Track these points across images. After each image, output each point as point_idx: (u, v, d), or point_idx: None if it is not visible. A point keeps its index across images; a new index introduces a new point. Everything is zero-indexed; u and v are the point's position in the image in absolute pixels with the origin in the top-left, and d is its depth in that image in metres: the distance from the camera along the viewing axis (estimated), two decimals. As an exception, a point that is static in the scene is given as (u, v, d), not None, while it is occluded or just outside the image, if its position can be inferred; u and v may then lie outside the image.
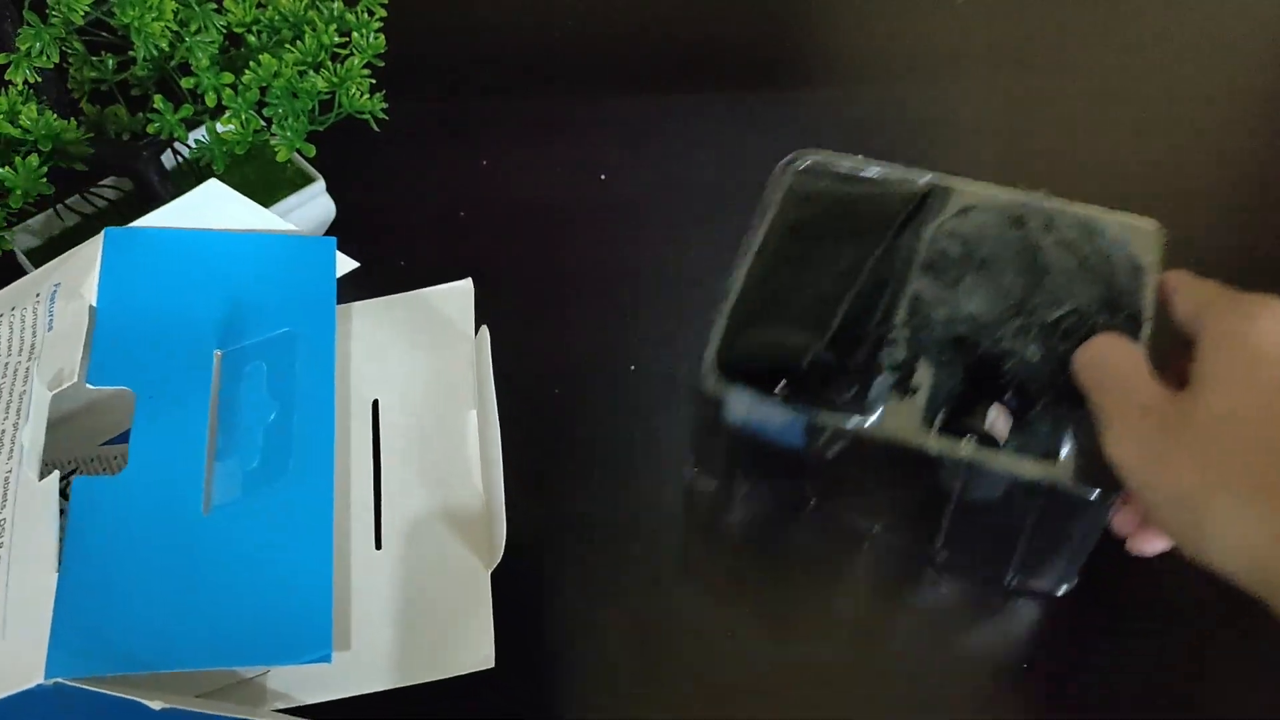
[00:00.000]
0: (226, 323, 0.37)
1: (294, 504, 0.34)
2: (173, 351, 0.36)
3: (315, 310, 0.39)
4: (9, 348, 0.37)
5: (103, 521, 0.32)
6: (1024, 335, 0.42)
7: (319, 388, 0.37)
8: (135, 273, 0.37)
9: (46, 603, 0.30)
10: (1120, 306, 0.43)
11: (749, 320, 0.45)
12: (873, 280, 0.45)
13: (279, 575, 0.33)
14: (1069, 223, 0.45)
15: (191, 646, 0.31)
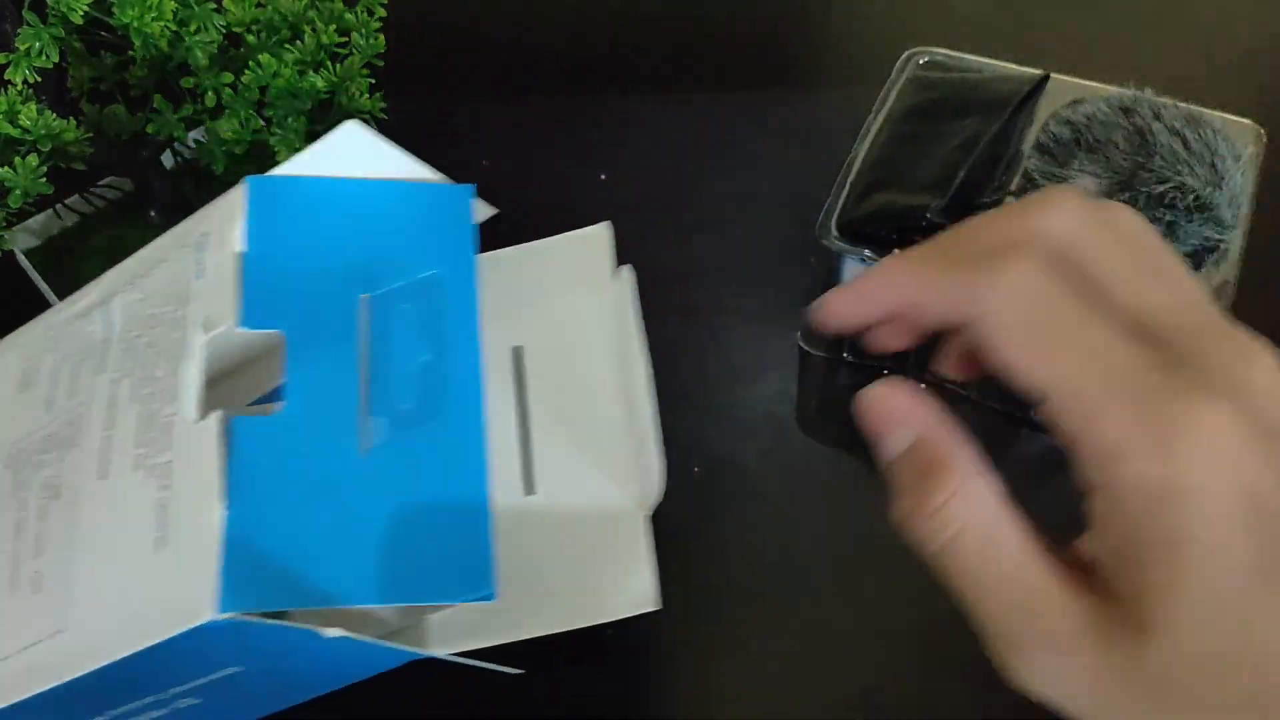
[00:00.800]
0: (369, 268, 0.37)
1: (449, 445, 0.34)
2: (319, 296, 0.36)
3: (456, 255, 0.39)
4: (161, 298, 0.38)
5: (263, 461, 0.32)
6: (1131, 206, 0.44)
7: (466, 330, 0.37)
8: (278, 220, 0.37)
9: (214, 540, 0.30)
10: (1223, 188, 0.45)
11: (869, 187, 0.49)
12: (988, 155, 0.49)
13: (438, 515, 0.33)
14: (1176, 113, 0.47)
15: (356, 583, 0.31)
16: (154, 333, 0.37)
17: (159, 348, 0.36)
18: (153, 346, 0.36)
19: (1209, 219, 0.46)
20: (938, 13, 0.73)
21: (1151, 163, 0.46)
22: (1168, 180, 0.45)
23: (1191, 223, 0.45)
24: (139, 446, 0.34)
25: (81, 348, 0.39)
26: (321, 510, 0.32)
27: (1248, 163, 0.48)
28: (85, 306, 0.41)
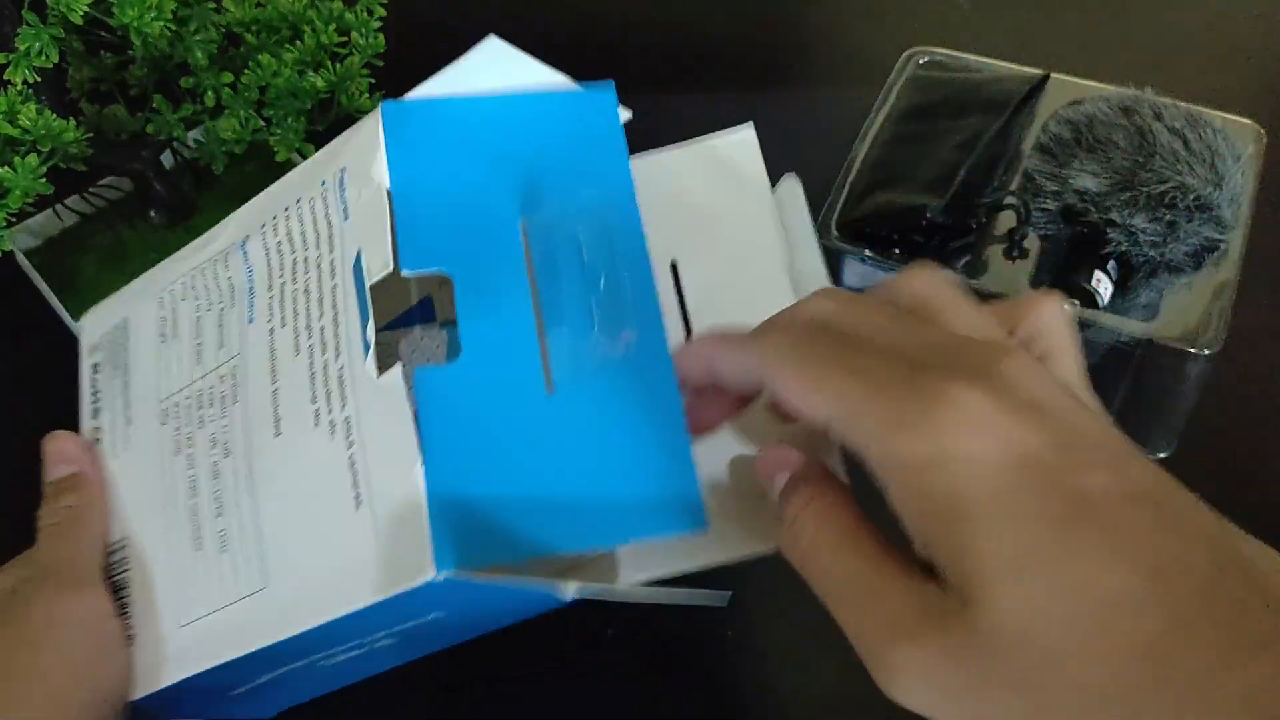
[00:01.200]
0: (523, 189, 0.35)
1: (637, 373, 0.31)
2: (477, 228, 0.33)
3: (610, 166, 0.36)
4: (304, 241, 0.35)
5: (452, 411, 0.30)
6: (1131, 206, 0.45)
7: (635, 250, 0.34)
8: (420, 148, 0.35)
9: (416, 497, 0.29)
10: (1223, 188, 0.46)
11: (869, 187, 0.50)
12: (988, 155, 0.49)
13: (637, 448, 0.31)
14: (1176, 113, 0.48)
15: (565, 528, 0.29)
16: (305, 278, 0.35)
17: (313, 295, 0.34)
18: (307, 294, 0.34)
19: (1209, 219, 0.46)
20: (938, 13, 0.73)
21: (1152, 163, 0.46)
22: (1168, 180, 0.45)
23: (1192, 223, 0.45)
24: (313, 402, 0.33)
25: (223, 294, 0.37)
26: (518, 457, 0.30)
27: (1248, 163, 0.48)
28: (219, 250, 0.39)
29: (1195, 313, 0.46)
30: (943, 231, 0.47)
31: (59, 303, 0.53)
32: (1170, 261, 0.46)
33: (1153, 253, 0.46)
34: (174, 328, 0.39)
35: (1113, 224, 0.46)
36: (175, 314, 0.39)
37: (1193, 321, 0.45)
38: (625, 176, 0.36)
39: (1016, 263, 0.48)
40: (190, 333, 0.38)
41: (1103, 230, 0.46)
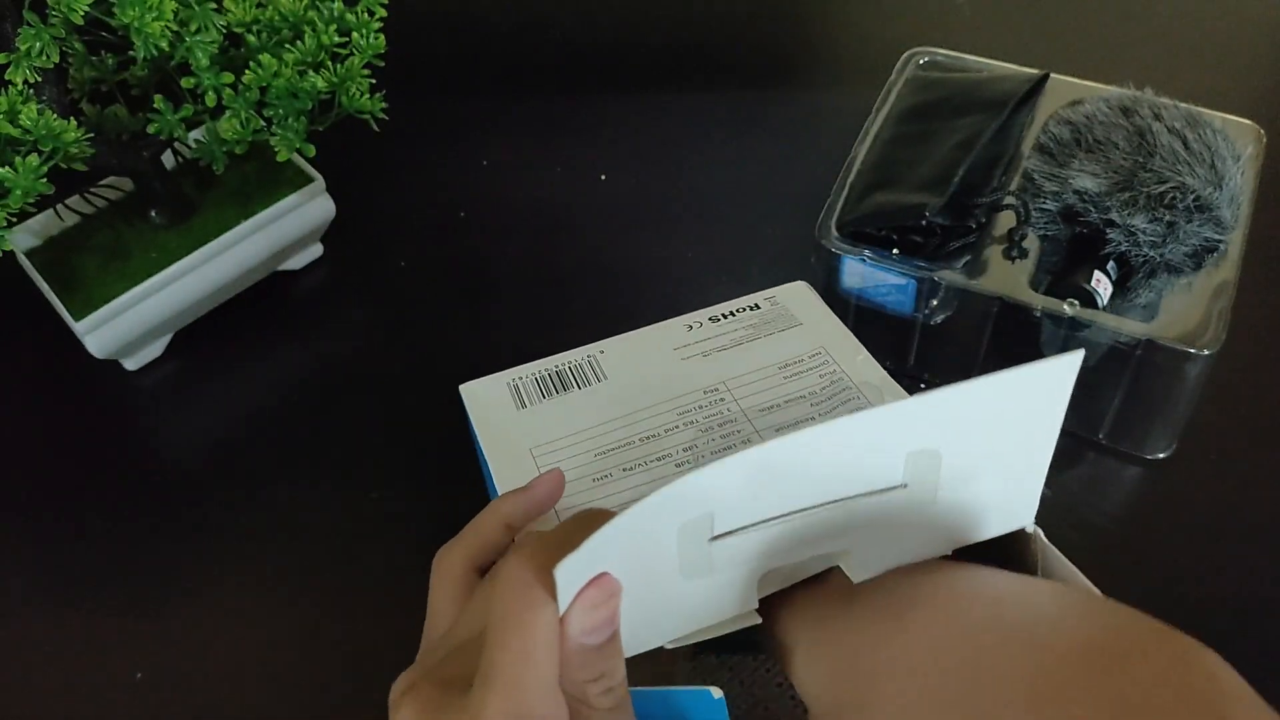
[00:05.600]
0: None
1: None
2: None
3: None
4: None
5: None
6: (1131, 206, 0.45)
7: None
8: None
9: None
10: (1223, 188, 0.46)
11: (869, 187, 0.50)
12: (987, 155, 0.49)
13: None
14: (1176, 113, 0.48)
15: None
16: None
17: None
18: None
19: (1209, 219, 0.46)
20: (938, 13, 0.73)
21: (1151, 163, 0.46)
22: (1168, 180, 0.45)
23: (1191, 223, 0.45)
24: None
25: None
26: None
27: (1247, 163, 0.48)
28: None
29: (1195, 313, 0.46)
30: (942, 231, 0.47)
31: (59, 303, 0.53)
32: (1170, 262, 0.46)
33: (1152, 253, 0.46)
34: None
35: (1112, 224, 0.46)
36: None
37: (1192, 321, 0.45)
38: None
39: (1016, 263, 0.48)
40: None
41: (1102, 230, 0.46)
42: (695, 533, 0.31)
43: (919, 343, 0.52)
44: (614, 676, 0.31)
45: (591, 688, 0.31)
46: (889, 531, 0.34)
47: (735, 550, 0.32)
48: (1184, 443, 0.50)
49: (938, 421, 0.32)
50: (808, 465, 0.31)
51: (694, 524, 0.31)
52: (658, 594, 0.32)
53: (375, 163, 0.64)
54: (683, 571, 0.32)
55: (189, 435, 0.55)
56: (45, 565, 0.51)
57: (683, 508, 0.31)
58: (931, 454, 0.32)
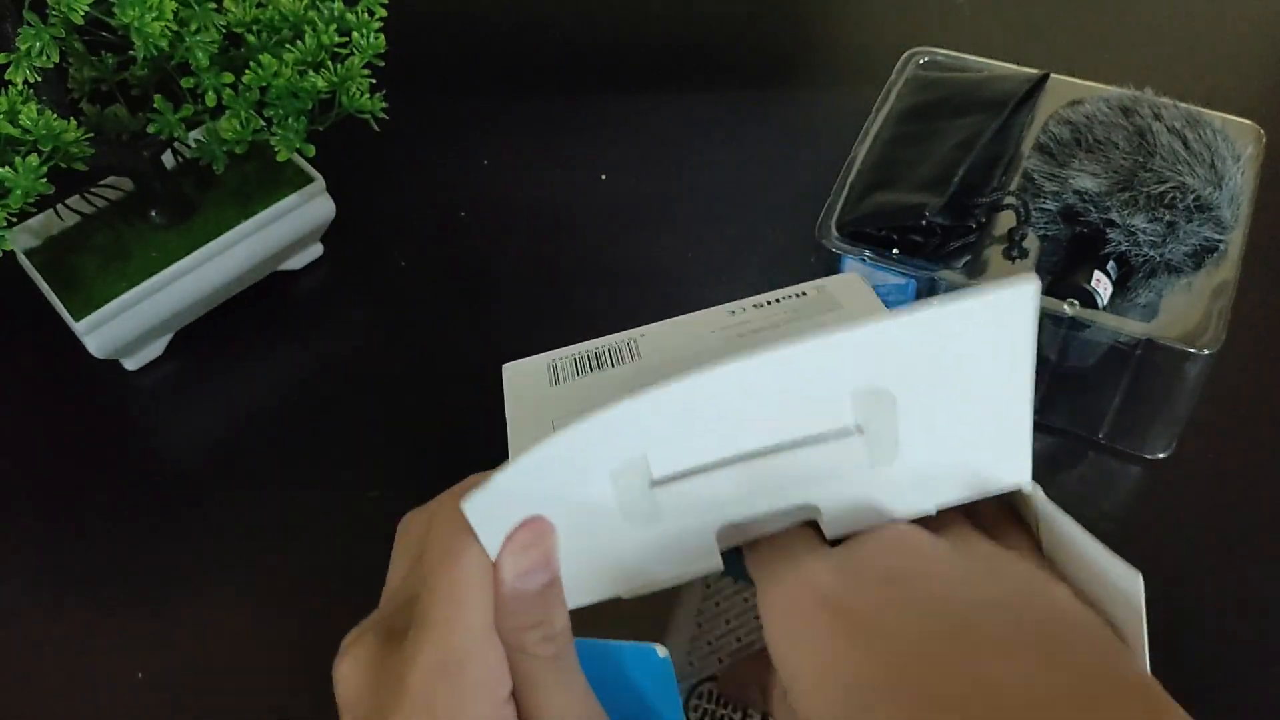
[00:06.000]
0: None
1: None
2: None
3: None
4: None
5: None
6: (1131, 206, 0.45)
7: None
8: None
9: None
10: (1223, 188, 0.46)
11: (869, 187, 0.50)
12: (987, 154, 0.49)
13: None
14: (1176, 113, 0.48)
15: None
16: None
17: None
18: None
19: (1209, 219, 0.46)
20: (938, 13, 0.73)
21: (1152, 163, 0.46)
22: (1168, 180, 0.45)
23: (1191, 223, 0.45)
24: None
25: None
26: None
27: (1247, 163, 0.48)
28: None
29: (1195, 313, 0.46)
30: (942, 231, 0.47)
31: (59, 303, 0.53)
32: (1170, 261, 0.46)
33: (1152, 253, 0.46)
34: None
35: (1112, 224, 0.46)
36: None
37: (1192, 321, 0.45)
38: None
39: (1016, 263, 0.48)
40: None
41: (1102, 230, 0.46)
42: (632, 476, 0.31)
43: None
44: (553, 624, 0.30)
45: (529, 635, 0.30)
46: (857, 486, 0.32)
47: (682, 498, 0.32)
48: (1184, 443, 0.50)
49: (880, 356, 0.30)
50: (742, 404, 0.30)
51: (629, 467, 0.31)
52: (604, 542, 0.32)
53: (375, 163, 0.64)
54: (628, 519, 0.32)
55: (189, 435, 0.55)
56: (45, 565, 0.51)
57: (610, 446, 0.30)
58: (881, 394, 0.31)
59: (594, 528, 0.31)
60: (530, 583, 0.30)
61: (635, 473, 0.31)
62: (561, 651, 0.31)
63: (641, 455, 0.31)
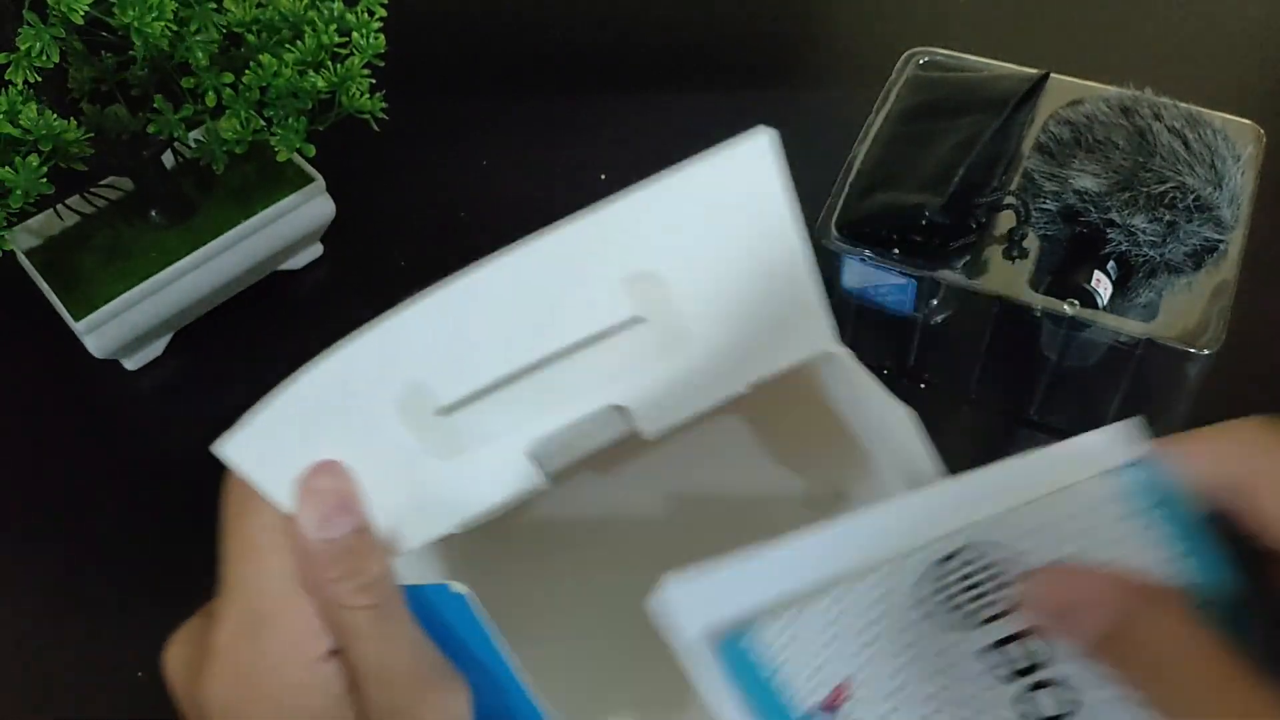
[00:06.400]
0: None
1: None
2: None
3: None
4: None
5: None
6: (1131, 206, 0.45)
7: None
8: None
9: None
10: (1223, 188, 0.46)
11: (869, 187, 0.50)
12: (987, 154, 0.49)
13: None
14: (1176, 113, 0.48)
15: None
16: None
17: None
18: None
19: (1209, 219, 0.46)
20: (938, 13, 0.73)
21: (1152, 163, 0.46)
22: (1168, 180, 0.45)
23: (1191, 223, 0.45)
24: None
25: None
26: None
27: (1247, 163, 0.48)
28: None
29: (1195, 313, 0.46)
30: (942, 231, 0.47)
31: (59, 303, 0.53)
32: (1170, 261, 0.46)
33: (1152, 253, 0.46)
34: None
35: (1112, 224, 0.46)
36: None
37: (1192, 321, 0.45)
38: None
39: (1016, 263, 0.48)
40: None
41: (1102, 230, 0.46)
42: (416, 408, 0.30)
43: (919, 343, 0.52)
44: (367, 572, 0.29)
45: (341, 587, 0.28)
46: (658, 377, 0.32)
47: (478, 421, 0.30)
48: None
49: (636, 235, 0.30)
50: (514, 308, 0.29)
51: (412, 396, 0.30)
52: (413, 479, 0.31)
53: (375, 163, 0.64)
54: (428, 453, 0.30)
55: (189, 435, 0.55)
56: (45, 565, 0.51)
57: (384, 373, 0.29)
58: (653, 277, 0.30)
59: (396, 465, 0.30)
60: (333, 531, 0.29)
61: (419, 401, 0.30)
62: (384, 600, 0.29)
63: (416, 384, 0.30)
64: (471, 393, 0.30)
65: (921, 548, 0.28)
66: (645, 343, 0.31)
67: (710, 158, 0.29)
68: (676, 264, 0.31)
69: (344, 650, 0.29)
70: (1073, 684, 0.27)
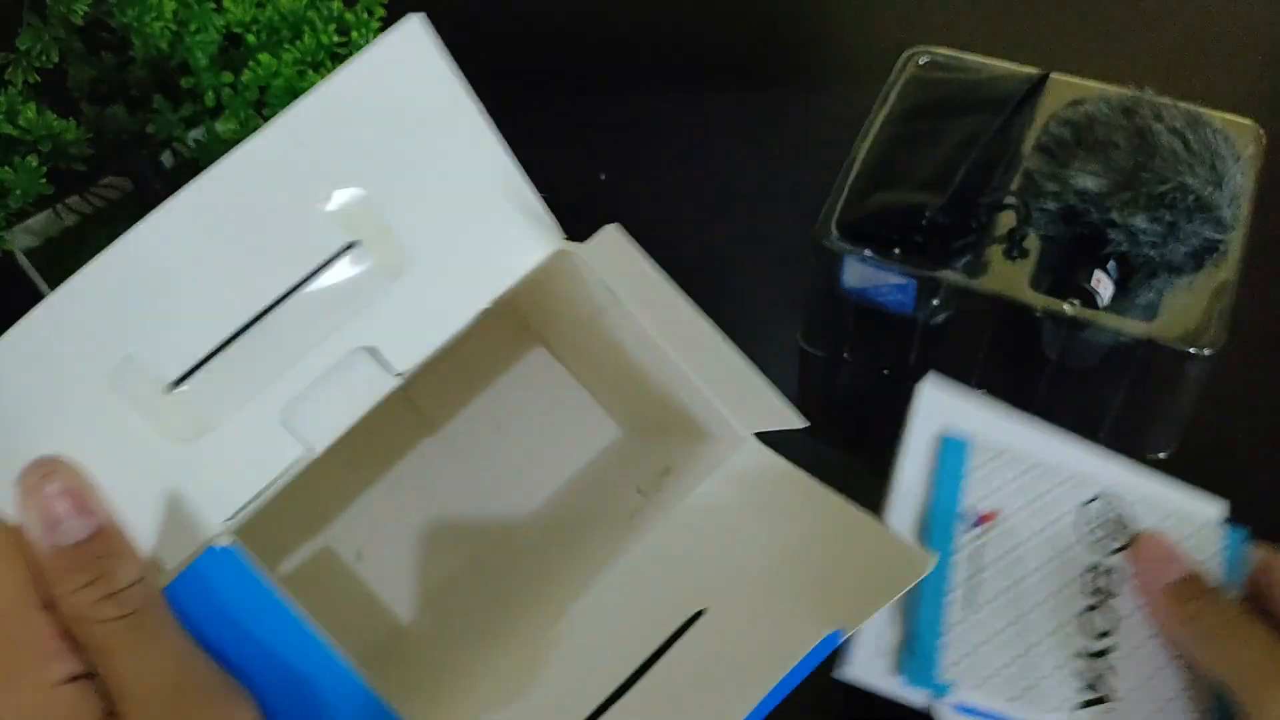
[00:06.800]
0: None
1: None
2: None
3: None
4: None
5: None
6: (1131, 206, 0.45)
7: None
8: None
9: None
10: (1223, 188, 0.46)
11: (869, 187, 0.50)
12: (988, 154, 0.49)
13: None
14: (1176, 113, 0.48)
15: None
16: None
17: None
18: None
19: (1210, 219, 0.46)
20: (938, 13, 0.73)
21: (1152, 163, 0.46)
22: (1168, 180, 0.45)
23: (1192, 223, 0.45)
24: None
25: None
26: None
27: (1248, 163, 0.48)
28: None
29: (1195, 313, 0.46)
30: (943, 231, 0.47)
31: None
32: (1170, 262, 0.46)
33: (1153, 253, 0.46)
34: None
35: (1113, 224, 0.46)
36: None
37: (1193, 322, 0.45)
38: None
39: (1016, 263, 0.48)
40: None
41: (1103, 230, 0.46)
42: (136, 386, 0.27)
43: (919, 343, 0.52)
44: (113, 580, 0.26)
45: (83, 597, 0.26)
46: (394, 310, 0.30)
47: (216, 393, 0.28)
48: (1184, 443, 0.50)
49: (315, 154, 0.28)
50: (203, 262, 0.27)
51: (124, 378, 0.27)
52: (160, 472, 0.28)
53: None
54: (168, 439, 0.28)
55: None
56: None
57: (76, 354, 0.26)
58: (357, 198, 0.29)
59: (134, 455, 0.27)
60: (66, 536, 0.26)
61: (138, 378, 0.27)
62: (141, 607, 0.26)
63: (131, 354, 0.27)
64: (196, 361, 0.27)
65: (1088, 479, 0.42)
66: (369, 272, 0.29)
67: (362, 57, 0.28)
68: (372, 178, 0.29)
69: (98, 667, 0.26)
70: (1121, 615, 0.40)
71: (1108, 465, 0.43)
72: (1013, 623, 0.39)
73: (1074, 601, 0.40)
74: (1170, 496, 0.42)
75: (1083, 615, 0.40)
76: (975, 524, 0.41)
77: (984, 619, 0.40)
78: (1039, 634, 0.39)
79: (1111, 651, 0.39)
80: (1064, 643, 0.39)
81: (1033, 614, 0.40)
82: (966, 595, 0.40)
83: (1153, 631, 0.39)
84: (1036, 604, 0.40)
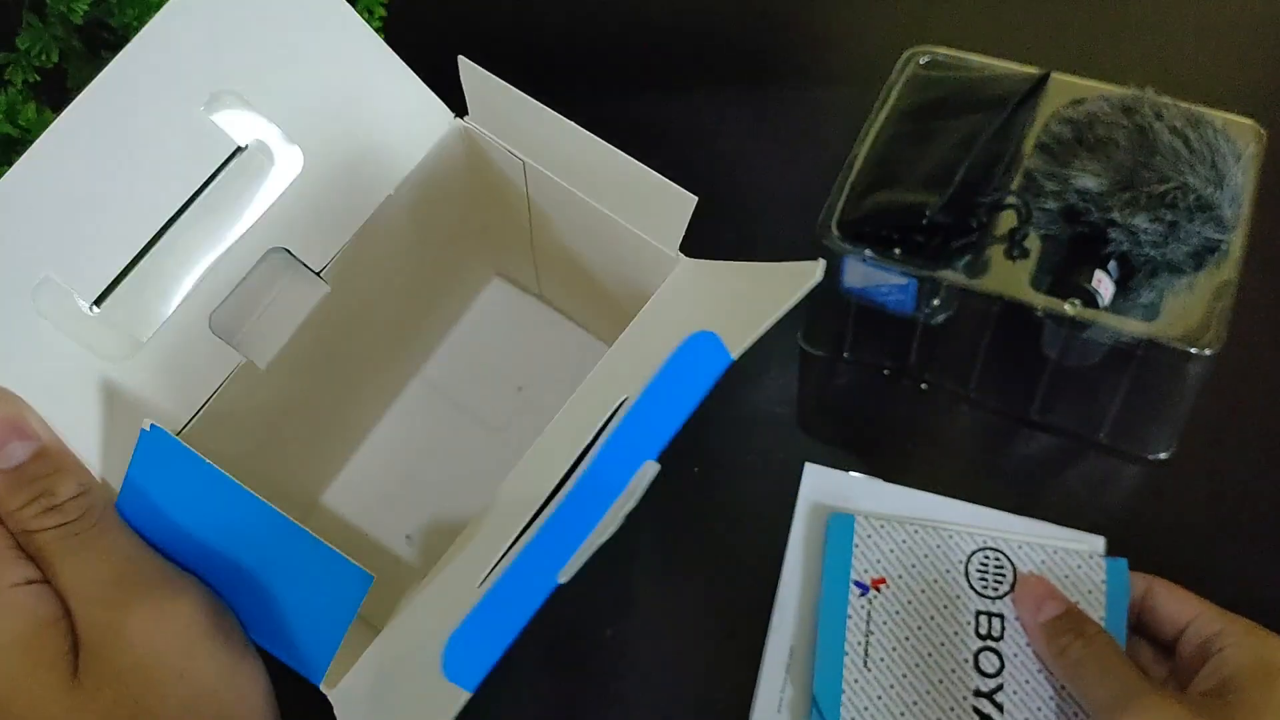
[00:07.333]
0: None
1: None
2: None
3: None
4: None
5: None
6: (1132, 206, 0.45)
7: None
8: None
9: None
10: (1224, 187, 0.46)
11: (869, 186, 0.50)
12: (988, 154, 0.49)
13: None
14: (1177, 112, 0.48)
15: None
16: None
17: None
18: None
19: (1210, 218, 0.46)
20: (938, 13, 0.73)
21: (1153, 162, 0.46)
22: (1169, 180, 0.45)
23: (1193, 222, 0.45)
24: None
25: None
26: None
27: (1248, 162, 0.48)
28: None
29: (1196, 313, 0.46)
30: (943, 231, 0.47)
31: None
32: (1171, 261, 0.46)
33: (1153, 253, 0.46)
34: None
35: (1113, 224, 0.46)
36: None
37: (1193, 321, 0.45)
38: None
39: (1017, 262, 0.48)
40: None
41: (1104, 230, 0.46)
42: (59, 308, 0.28)
43: (920, 343, 0.52)
44: (54, 494, 0.28)
45: (26, 513, 0.28)
46: (304, 204, 0.30)
47: (136, 305, 0.29)
48: (1185, 443, 0.50)
49: (187, 59, 0.28)
50: (94, 177, 0.27)
51: (50, 302, 0.28)
52: (111, 389, 0.29)
53: (375, 163, 0.64)
54: (103, 357, 0.28)
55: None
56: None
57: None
58: (236, 99, 0.29)
59: (81, 378, 0.28)
60: (6, 460, 0.28)
61: (59, 300, 0.28)
62: (82, 516, 0.28)
63: (45, 278, 0.27)
64: (111, 279, 0.28)
65: (970, 533, 0.46)
66: (266, 174, 0.29)
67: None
68: (252, 80, 0.29)
69: (47, 575, 0.29)
70: (1007, 654, 0.43)
71: (989, 518, 0.47)
72: (906, 674, 0.43)
73: (965, 646, 0.43)
74: (1051, 536, 0.46)
75: (974, 658, 0.43)
76: (865, 591, 0.45)
77: (878, 675, 0.43)
78: (932, 681, 0.43)
79: (1001, 689, 0.42)
80: (957, 685, 0.43)
81: (926, 663, 0.43)
82: (862, 654, 0.44)
83: (1039, 666, 0.43)
84: (929, 654, 0.44)
